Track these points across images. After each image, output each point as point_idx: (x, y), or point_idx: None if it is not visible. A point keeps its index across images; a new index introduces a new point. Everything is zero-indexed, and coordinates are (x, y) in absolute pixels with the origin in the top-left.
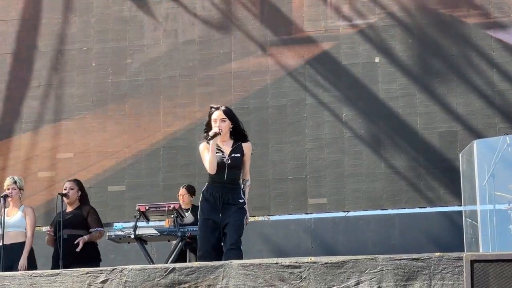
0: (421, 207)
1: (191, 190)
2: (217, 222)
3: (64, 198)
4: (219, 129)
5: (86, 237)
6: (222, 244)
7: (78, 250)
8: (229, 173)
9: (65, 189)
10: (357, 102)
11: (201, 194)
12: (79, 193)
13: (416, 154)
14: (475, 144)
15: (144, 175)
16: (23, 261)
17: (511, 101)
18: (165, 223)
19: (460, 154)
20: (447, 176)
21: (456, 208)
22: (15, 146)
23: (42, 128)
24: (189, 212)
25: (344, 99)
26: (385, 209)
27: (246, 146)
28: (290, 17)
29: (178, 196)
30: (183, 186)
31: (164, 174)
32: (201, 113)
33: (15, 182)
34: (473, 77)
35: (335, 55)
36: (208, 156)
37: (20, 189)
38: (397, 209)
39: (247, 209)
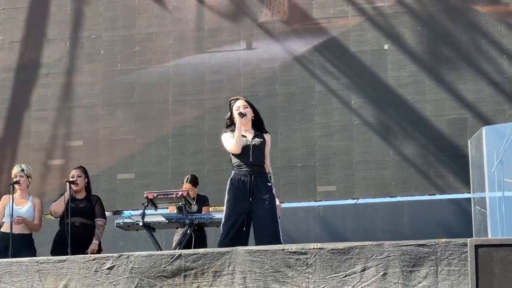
0: (430, 195)
1: (194, 182)
2: (244, 211)
3: (72, 186)
4: (245, 112)
5: (97, 241)
6: (244, 228)
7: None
8: (254, 154)
9: (72, 177)
10: (366, 89)
11: (228, 182)
12: (86, 181)
13: (425, 141)
14: (484, 130)
15: (153, 163)
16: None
17: None
18: (169, 210)
19: (469, 141)
20: (457, 163)
21: (465, 195)
22: (24, 134)
23: (51, 116)
24: (194, 201)
25: (353, 86)
26: (394, 197)
27: (267, 136)
28: (299, 4)
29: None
30: (186, 180)
31: (173, 162)
32: (210, 101)
33: (22, 170)
34: (483, 64)
35: (344, 42)
36: (232, 139)
37: (28, 177)
38: (406, 196)
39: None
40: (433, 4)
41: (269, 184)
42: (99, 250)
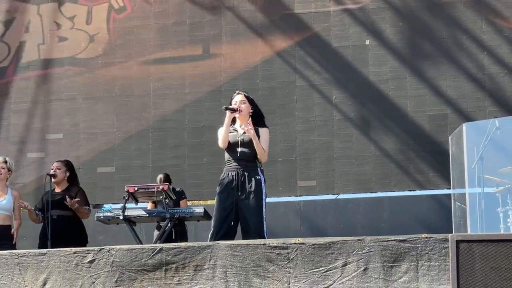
0: (410, 190)
1: (168, 179)
2: (232, 206)
3: (52, 178)
4: (239, 107)
5: (77, 204)
6: (233, 223)
7: (68, 203)
8: (242, 150)
9: (52, 169)
10: (347, 84)
11: (220, 179)
12: (67, 174)
13: (406, 137)
14: (465, 127)
15: (133, 156)
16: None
17: (500, 85)
18: (149, 206)
19: (449, 137)
20: (437, 159)
21: (445, 191)
22: (4, 126)
23: (31, 108)
24: None
25: (334, 81)
26: (375, 192)
27: (263, 130)
28: None
29: None
30: (159, 181)
31: (154, 156)
32: (191, 95)
33: (5, 162)
34: (463, 60)
35: (326, 37)
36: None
37: (9, 170)
38: (387, 192)
39: (264, 188)
40: (414, 0)
41: (257, 177)
42: (85, 242)
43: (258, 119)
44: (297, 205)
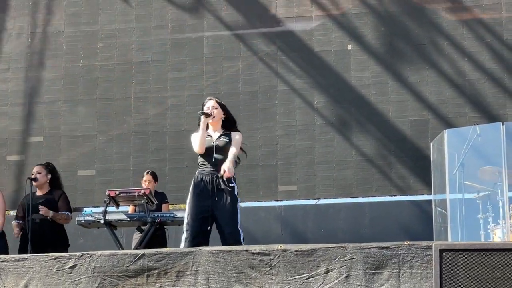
0: (391, 195)
1: (154, 175)
2: (207, 209)
3: (33, 182)
4: (212, 113)
5: (52, 213)
6: (209, 228)
7: (42, 213)
8: (217, 155)
9: (33, 173)
10: (329, 89)
11: (192, 182)
12: (49, 177)
13: (387, 142)
14: (446, 133)
15: (114, 159)
16: None
17: (481, 91)
18: (130, 210)
19: (431, 144)
20: (418, 165)
21: (426, 197)
22: None
23: (11, 111)
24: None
25: (316, 86)
26: (356, 197)
27: (235, 133)
28: (263, 2)
29: (143, 182)
30: (148, 172)
31: (135, 159)
32: (173, 99)
33: None
34: (445, 66)
35: (308, 42)
36: (197, 139)
37: None
38: (368, 197)
39: (237, 194)
40: (396, 6)
41: (231, 185)
42: (66, 246)
43: (230, 124)
44: (278, 210)
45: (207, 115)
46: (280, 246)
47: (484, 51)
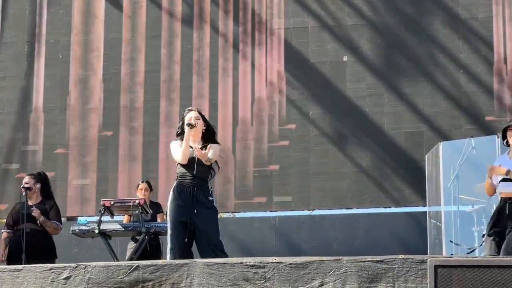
0: (386, 207)
1: (150, 185)
2: (188, 220)
3: (28, 192)
4: (195, 123)
5: (43, 218)
6: (192, 239)
7: (35, 215)
8: (198, 167)
9: (26, 183)
10: (325, 100)
11: (171, 193)
12: (37, 186)
13: (382, 153)
14: (441, 146)
15: (109, 169)
16: None
17: (477, 103)
18: (125, 220)
19: (426, 156)
20: (413, 177)
21: (420, 209)
22: None
23: (7, 120)
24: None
25: (311, 97)
26: (350, 208)
27: (214, 146)
28: (259, 13)
29: (138, 190)
30: (143, 181)
31: (129, 169)
32: (167, 108)
33: None
34: (440, 78)
35: (304, 53)
36: (179, 149)
37: None
38: (362, 208)
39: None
40: (392, 18)
41: (210, 198)
42: (54, 257)
43: (210, 135)
44: (273, 220)
45: (192, 126)
46: (275, 259)
47: (480, 63)
